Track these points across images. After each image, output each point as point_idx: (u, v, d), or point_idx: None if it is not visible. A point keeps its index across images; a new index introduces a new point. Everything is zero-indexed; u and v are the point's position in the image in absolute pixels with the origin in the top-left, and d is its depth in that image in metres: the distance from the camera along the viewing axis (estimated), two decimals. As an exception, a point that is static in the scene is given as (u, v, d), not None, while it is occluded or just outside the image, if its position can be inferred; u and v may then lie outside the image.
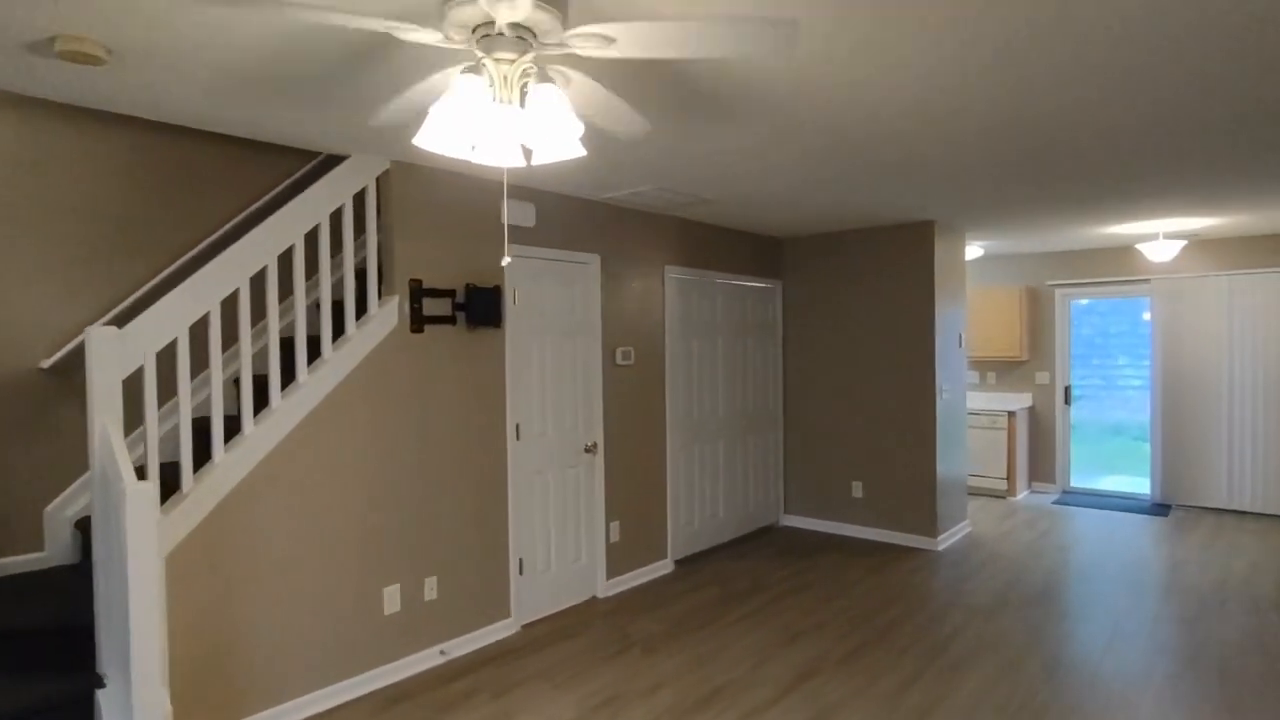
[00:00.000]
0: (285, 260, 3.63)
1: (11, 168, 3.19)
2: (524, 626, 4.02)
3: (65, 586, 3.02)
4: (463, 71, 1.54)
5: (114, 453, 2.49)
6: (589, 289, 4.43)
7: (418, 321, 3.49)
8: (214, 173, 3.79)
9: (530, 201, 4.01)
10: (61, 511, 3.30)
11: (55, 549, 3.29)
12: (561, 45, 1.66)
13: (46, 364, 3.20)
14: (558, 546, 4.24)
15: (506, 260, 1.99)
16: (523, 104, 1.60)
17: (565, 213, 4.23)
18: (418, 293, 3.49)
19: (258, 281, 3.46)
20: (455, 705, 3.16)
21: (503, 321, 3.88)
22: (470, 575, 3.74)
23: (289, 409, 3.05)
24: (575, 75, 1.62)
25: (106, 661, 2.58)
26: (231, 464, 2.87)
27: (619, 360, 4.60)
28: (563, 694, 3.26)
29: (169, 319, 2.74)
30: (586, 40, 1.64)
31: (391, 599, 3.39)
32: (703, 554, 5.37)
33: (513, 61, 1.59)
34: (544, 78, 1.57)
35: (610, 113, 1.66)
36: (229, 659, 2.86)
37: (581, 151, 1.74)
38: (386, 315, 3.38)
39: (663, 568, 4.94)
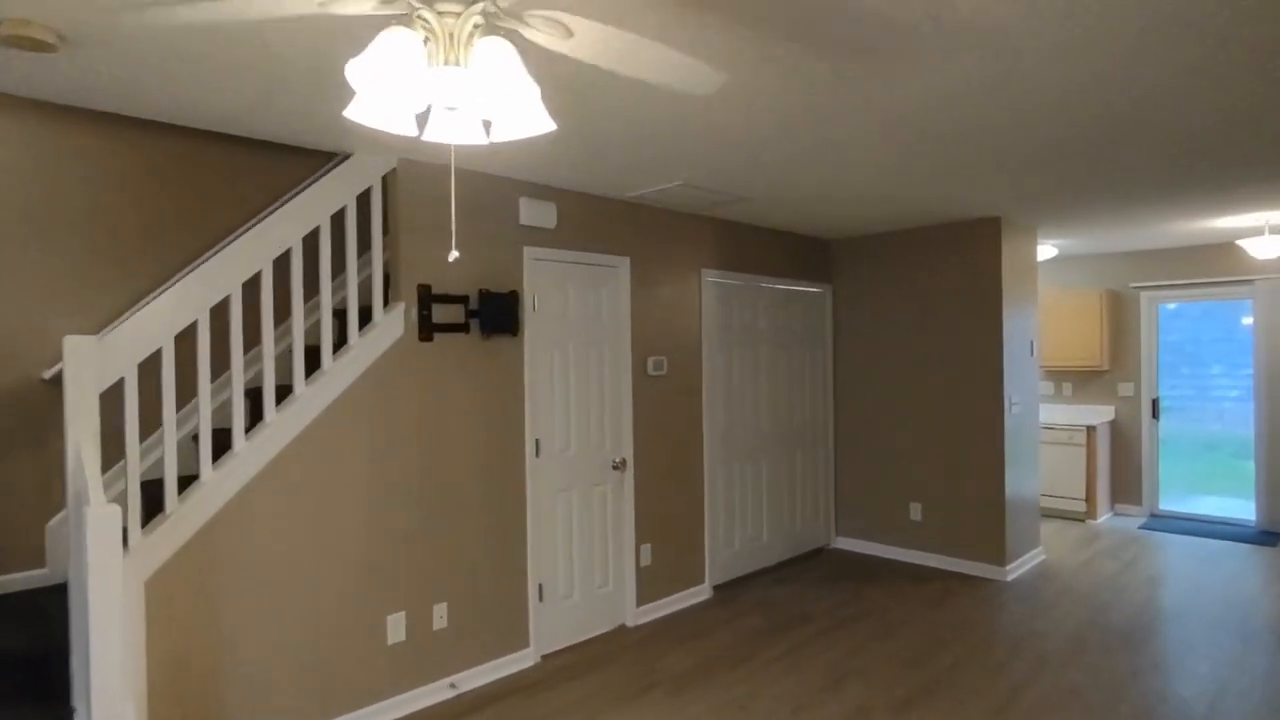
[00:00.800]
0: (284, 266, 3.45)
1: (15, 173, 3.12)
2: (544, 657, 3.74)
3: (63, 608, 2.89)
4: (393, 25, 1.27)
5: (84, 471, 2.33)
6: (618, 294, 4.14)
7: (426, 329, 3.27)
8: (228, 177, 3.66)
9: (550, 201, 3.75)
10: (64, 527, 3.19)
11: (57, 566, 3.17)
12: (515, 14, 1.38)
13: (48, 375, 3.10)
14: (582, 571, 3.95)
15: (454, 255, 1.71)
16: (465, 64, 1.32)
17: (590, 213, 3.96)
18: (426, 299, 3.27)
19: (252, 288, 3.30)
20: (458, 748, 2.90)
21: (520, 329, 3.63)
22: (484, 602, 3.48)
23: (284, 423, 2.85)
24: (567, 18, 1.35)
25: (79, 693, 2.42)
26: (219, 482, 2.69)
27: (651, 370, 4.29)
28: (575, 739, 2.97)
29: (152, 328, 2.57)
30: (544, 24, 1.36)
31: (396, 627, 3.16)
32: (744, 579, 5.00)
33: (458, 15, 1.31)
34: (491, 30, 1.30)
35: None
36: (216, 691, 2.67)
37: (549, 125, 1.45)
38: (392, 323, 3.17)
39: (699, 594, 4.59)
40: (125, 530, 2.54)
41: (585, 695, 3.35)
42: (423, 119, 2.39)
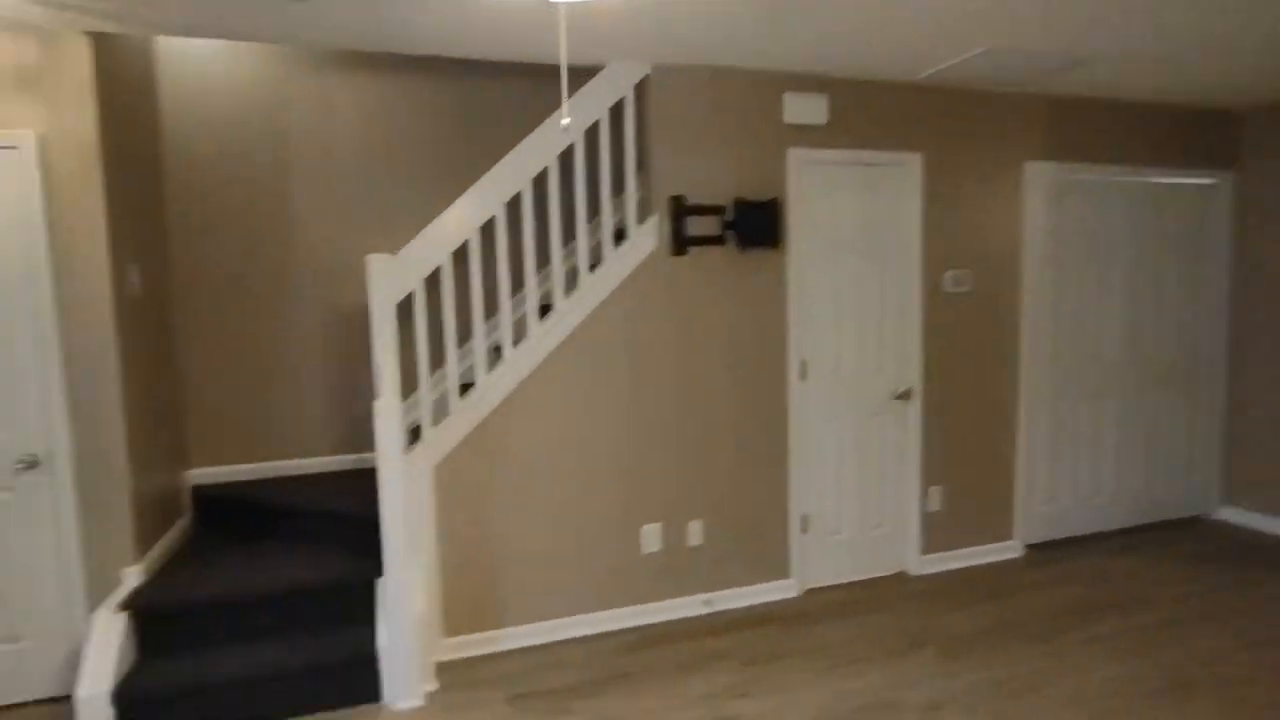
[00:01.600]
0: (543, 188, 3.57)
1: (367, 119, 3.70)
2: (807, 591, 3.54)
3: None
4: None
5: (380, 370, 2.74)
6: (904, 197, 3.56)
7: (680, 243, 3.17)
8: (534, 107, 3.90)
9: (820, 93, 3.32)
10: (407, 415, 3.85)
11: (400, 450, 3.87)
12: None
13: (385, 293, 3.72)
14: (855, 507, 3.61)
15: (566, 122, 1.52)
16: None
17: (869, 103, 3.43)
18: (679, 211, 3.16)
19: (515, 208, 3.51)
20: (699, 664, 2.89)
21: (783, 240, 3.33)
22: (742, 526, 3.38)
23: (543, 335, 3.03)
24: None
25: (389, 554, 2.92)
26: (490, 385, 2.97)
27: (948, 287, 3.65)
28: (820, 682, 2.74)
29: (432, 247, 2.89)
30: None
31: (650, 538, 3.24)
32: (1072, 541, 4.13)
33: None
34: None
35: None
36: (493, 563, 3.02)
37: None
38: (645, 237, 3.13)
39: (1005, 550, 3.91)
40: (420, 424, 2.95)
41: (847, 638, 3.08)
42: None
